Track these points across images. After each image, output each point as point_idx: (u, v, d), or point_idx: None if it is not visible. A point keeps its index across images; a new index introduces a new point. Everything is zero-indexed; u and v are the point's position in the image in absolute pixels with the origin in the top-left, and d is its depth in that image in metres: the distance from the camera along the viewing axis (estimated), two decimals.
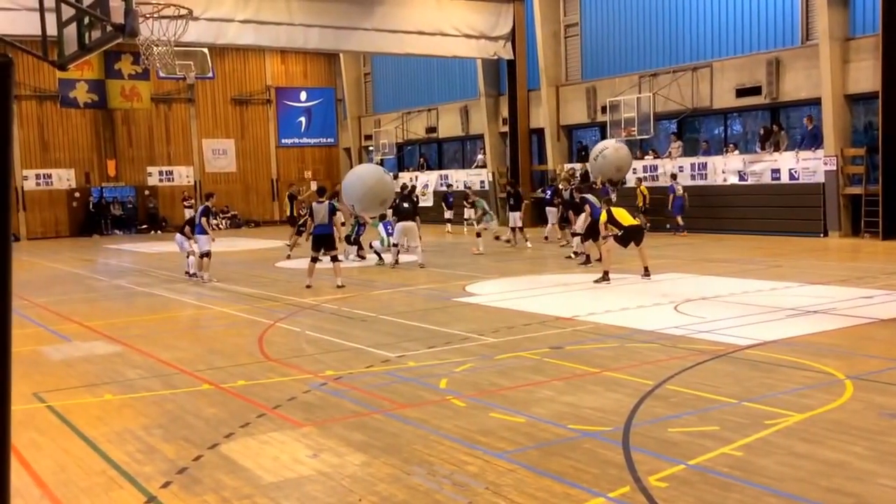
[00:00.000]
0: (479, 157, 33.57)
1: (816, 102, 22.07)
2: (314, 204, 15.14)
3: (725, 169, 24.04)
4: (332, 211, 14.78)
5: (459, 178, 33.11)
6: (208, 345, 10.33)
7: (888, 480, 5.04)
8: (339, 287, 14.44)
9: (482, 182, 32.27)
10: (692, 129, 27.18)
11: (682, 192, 24.58)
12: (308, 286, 14.73)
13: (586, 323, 10.68)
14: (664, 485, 5.09)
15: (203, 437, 6.42)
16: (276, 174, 40.34)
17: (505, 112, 31.52)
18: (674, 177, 24.81)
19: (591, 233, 15.97)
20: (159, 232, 35.26)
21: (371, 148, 38.72)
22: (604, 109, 27.08)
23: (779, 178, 22.68)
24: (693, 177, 24.83)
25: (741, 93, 24.04)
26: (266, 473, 5.59)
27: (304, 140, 41.33)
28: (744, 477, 5.19)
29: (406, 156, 38.95)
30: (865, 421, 6.22)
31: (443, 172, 34.99)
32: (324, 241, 14.67)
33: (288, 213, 24.59)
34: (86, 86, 34.32)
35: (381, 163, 38.90)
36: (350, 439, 6.24)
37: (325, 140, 41.84)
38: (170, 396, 7.78)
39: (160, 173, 37.57)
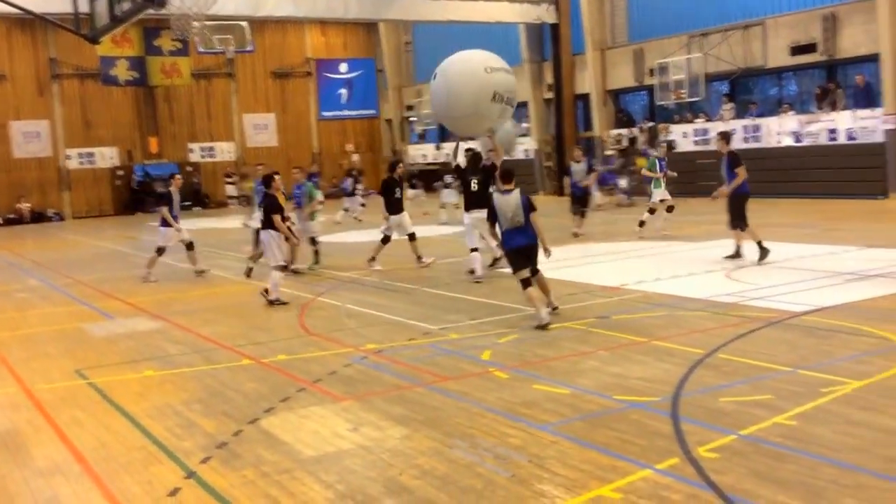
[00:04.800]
0: (524, 125, 33.13)
1: (875, 59, 21.16)
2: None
3: (780, 130, 23.26)
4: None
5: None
6: (249, 320, 10.31)
7: None
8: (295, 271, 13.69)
9: (525, 151, 31.82)
10: (745, 90, 26.34)
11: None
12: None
13: (634, 292, 10.40)
14: (715, 455, 4.89)
15: (243, 412, 6.37)
16: (317, 147, 40.38)
17: (549, 78, 30.95)
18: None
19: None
20: (202, 208, 35.59)
21: (413, 118, 38.47)
22: (652, 72, 26.40)
23: (836, 139, 21.87)
24: (746, 139, 24.08)
25: (796, 51, 23.16)
26: (306, 448, 5.52)
27: (346, 112, 41.21)
28: (798, 447, 4.96)
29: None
30: None
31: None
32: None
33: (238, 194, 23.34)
34: (126, 63, 34.57)
35: (424, 134, 38.72)
36: (390, 413, 6.14)
37: (366, 112, 41.68)
38: (210, 372, 7.76)
39: (202, 149, 37.80)
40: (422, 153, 37.12)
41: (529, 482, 4.71)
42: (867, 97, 21.64)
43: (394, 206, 13.68)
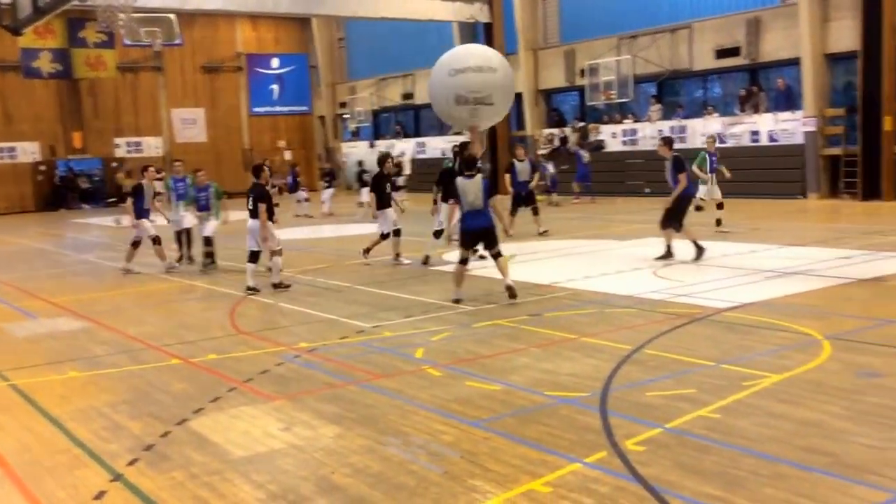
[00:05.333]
0: None
1: (796, 63, 21.94)
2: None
3: (705, 132, 23.89)
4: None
5: (437, 145, 32.80)
6: (178, 319, 10.13)
7: (864, 439, 5.00)
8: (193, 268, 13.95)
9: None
10: (672, 91, 27.01)
11: (587, 159, 24.44)
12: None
13: (565, 289, 10.58)
14: (641, 448, 5.02)
15: (171, 413, 6.26)
16: (248, 144, 39.80)
17: None
18: (581, 145, 24.74)
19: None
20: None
21: (346, 115, 38.25)
22: (582, 73, 26.83)
23: (758, 141, 22.61)
24: (674, 140, 24.64)
25: (720, 54, 23.87)
26: (236, 448, 5.46)
27: (277, 108, 40.71)
28: (721, 439, 5.12)
29: (382, 123, 38.53)
30: (842, 380, 6.17)
31: (420, 140, 34.64)
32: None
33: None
34: (49, 55, 33.38)
35: (357, 131, 38.54)
36: (323, 411, 6.12)
37: (298, 108, 41.27)
38: (137, 372, 7.60)
39: (128, 144, 36.87)
40: (356, 150, 36.93)
41: (462, 478, 4.76)
42: (788, 100, 22.46)
43: (384, 202, 13.63)
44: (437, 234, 13.59)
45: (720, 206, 15.62)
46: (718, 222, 15.42)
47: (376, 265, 13.60)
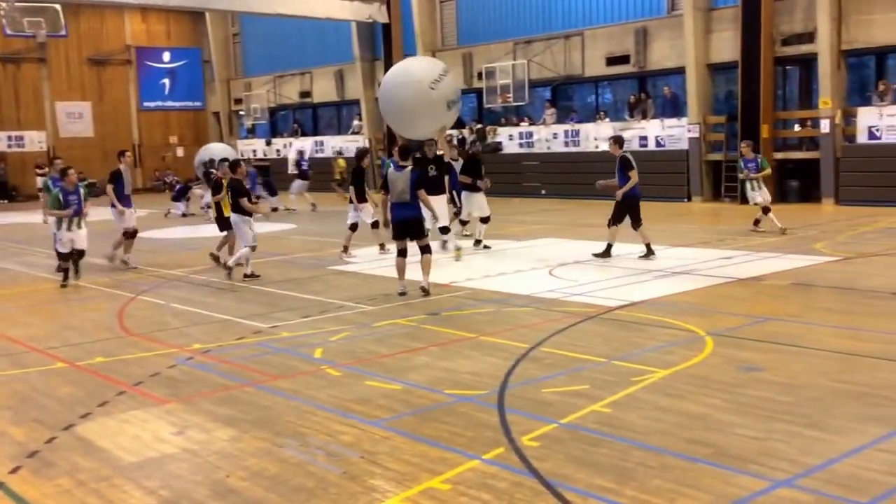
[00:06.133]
0: (356, 122, 33.09)
1: (681, 71, 22.86)
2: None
3: (597, 136, 24.62)
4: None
5: (335, 144, 32.53)
6: (63, 321, 9.72)
7: (744, 430, 5.27)
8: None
9: (357, 148, 31.77)
10: (565, 96, 27.68)
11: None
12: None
13: (463, 289, 10.70)
14: (536, 444, 5.14)
15: (56, 418, 6.01)
16: (138, 139, 38.46)
17: (381, 77, 31.02)
18: (248, 161, 25.02)
19: None
20: (9, 202, 32.95)
21: (242, 112, 37.45)
22: (480, 76, 27.15)
23: (646, 146, 23.42)
24: (567, 143, 25.32)
25: (611, 61, 24.62)
26: (126, 453, 5.30)
27: (169, 103, 39.53)
28: (611, 432, 5.31)
29: (279, 121, 37.92)
30: (724, 375, 6.49)
31: (318, 139, 34.28)
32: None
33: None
34: None
35: (253, 129, 37.80)
36: (218, 414, 5.99)
37: (191, 103, 40.16)
38: (20, 376, 7.25)
39: (9, 138, 34.95)
40: (252, 148, 36.21)
41: (361, 478, 4.76)
42: (674, 107, 23.41)
43: (362, 195, 13.83)
44: (374, 224, 13.73)
45: (766, 209, 15.29)
46: (783, 231, 14.97)
47: (270, 265, 13.38)
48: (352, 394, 6.36)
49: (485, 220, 14.50)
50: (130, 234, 13.59)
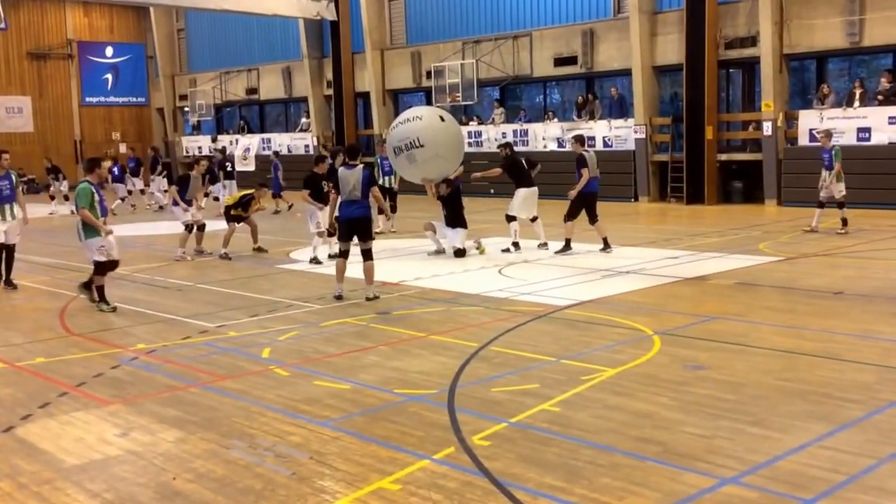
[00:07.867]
0: (304, 120, 32.81)
1: (627, 73, 23.18)
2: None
3: (545, 136, 24.83)
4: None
5: (283, 141, 32.20)
6: (2, 321, 9.43)
7: (691, 428, 5.35)
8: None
9: (306, 146, 31.55)
10: (514, 96, 27.84)
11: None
12: None
13: (413, 288, 10.68)
14: (487, 443, 5.15)
15: None
16: (79, 135, 37.57)
17: (329, 75, 30.90)
18: (276, 154, 24.78)
19: None
20: None
21: (187, 109, 36.85)
22: (429, 75, 27.15)
23: (594, 146, 23.67)
24: (516, 143, 25.41)
25: (559, 62, 24.85)
26: (68, 456, 5.16)
27: (112, 99, 38.72)
28: (561, 431, 5.34)
29: (225, 118, 37.38)
30: (671, 373, 6.59)
31: (265, 136, 33.87)
32: None
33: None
34: None
35: (199, 125, 37.20)
36: (163, 415, 5.88)
37: (134, 99, 39.40)
38: None
39: None
40: (197, 145, 35.62)
41: (310, 479, 4.71)
42: (621, 108, 23.72)
43: (322, 199, 12.98)
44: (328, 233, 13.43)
45: (840, 205, 14.84)
46: (844, 222, 14.72)
47: (217, 263, 13.19)
48: (300, 394, 6.30)
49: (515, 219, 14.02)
50: (199, 227, 14.12)
